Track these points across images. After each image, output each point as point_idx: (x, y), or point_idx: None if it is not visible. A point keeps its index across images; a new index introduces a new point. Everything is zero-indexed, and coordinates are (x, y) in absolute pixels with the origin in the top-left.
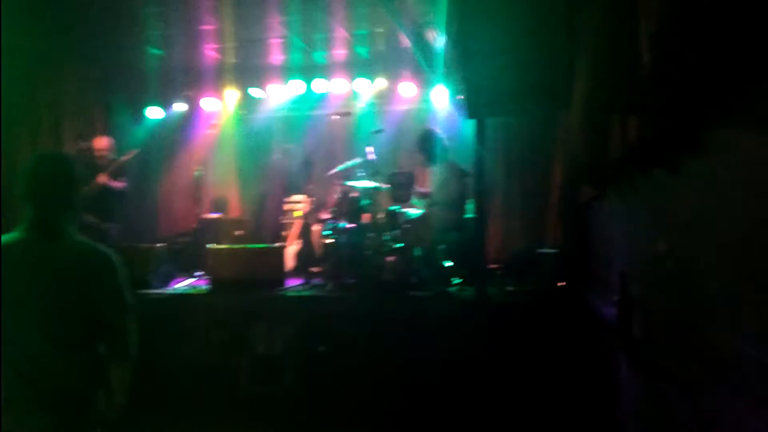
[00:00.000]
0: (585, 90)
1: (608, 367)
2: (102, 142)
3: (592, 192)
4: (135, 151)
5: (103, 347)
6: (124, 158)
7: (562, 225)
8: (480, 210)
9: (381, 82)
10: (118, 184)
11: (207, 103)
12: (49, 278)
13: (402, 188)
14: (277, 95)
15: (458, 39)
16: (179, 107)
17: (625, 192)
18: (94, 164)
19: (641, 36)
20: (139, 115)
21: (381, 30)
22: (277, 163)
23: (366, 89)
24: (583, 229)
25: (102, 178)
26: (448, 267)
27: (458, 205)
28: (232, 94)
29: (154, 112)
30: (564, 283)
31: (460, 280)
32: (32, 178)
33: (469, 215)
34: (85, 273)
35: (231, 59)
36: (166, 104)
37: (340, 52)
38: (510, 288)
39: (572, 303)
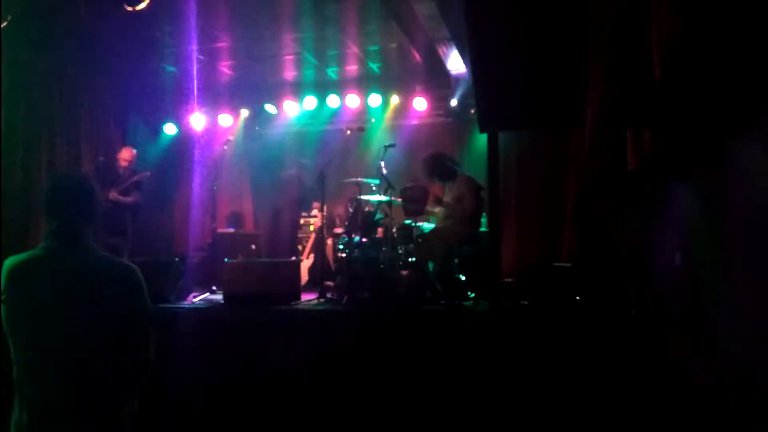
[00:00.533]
0: (599, 103)
1: (626, 383)
2: (126, 153)
3: (607, 205)
4: (148, 173)
5: (122, 359)
6: (136, 178)
7: (577, 238)
8: (494, 224)
9: (393, 98)
10: (127, 199)
11: (222, 119)
12: (73, 291)
13: (415, 202)
14: (291, 111)
15: (470, 54)
16: (194, 123)
17: (640, 205)
18: (111, 176)
19: (653, 49)
20: (155, 132)
21: (393, 45)
22: (291, 178)
23: (378, 104)
24: (600, 242)
25: (113, 195)
26: (463, 281)
27: (473, 219)
28: (246, 110)
29: (169, 129)
30: (580, 298)
31: (475, 295)
32: (54, 196)
33: (483, 229)
34: (109, 286)
35: (245, 76)
36: (181, 120)
37: (352, 68)
38: (525, 302)
39: (588, 318)
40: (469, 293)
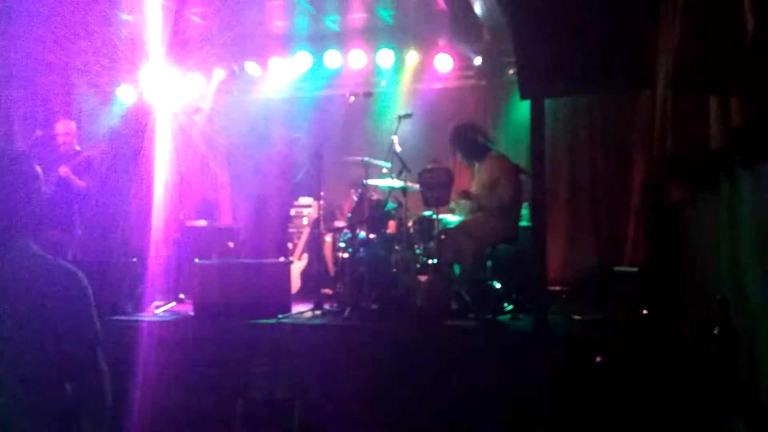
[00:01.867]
0: (673, 64)
1: (707, 419)
2: (65, 126)
3: (684, 193)
4: (103, 147)
5: (70, 391)
6: (90, 153)
7: (645, 236)
8: (538, 216)
9: (410, 55)
10: (79, 183)
11: (191, 82)
12: None
13: (437, 189)
14: (279, 71)
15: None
16: (156, 87)
17: (726, 193)
18: (53, 155)
19: None
20: (106, 98)
21: None
22: (279, 158)
23: (391, 63)
24: (673, 241)
25: (63, 170)
26: (498, 289)
27: (510, 211)
28: (221, 71)
29: (125, 94)
30: (648, 311)
31: (513, 307)
32: None
33: (524, 223)
34: (45, 297)
35: (220, 26)
36: (139, 84)
37: (357, 17)
38: (578, 317)
39: (659, 336)
40: (505, 305)
